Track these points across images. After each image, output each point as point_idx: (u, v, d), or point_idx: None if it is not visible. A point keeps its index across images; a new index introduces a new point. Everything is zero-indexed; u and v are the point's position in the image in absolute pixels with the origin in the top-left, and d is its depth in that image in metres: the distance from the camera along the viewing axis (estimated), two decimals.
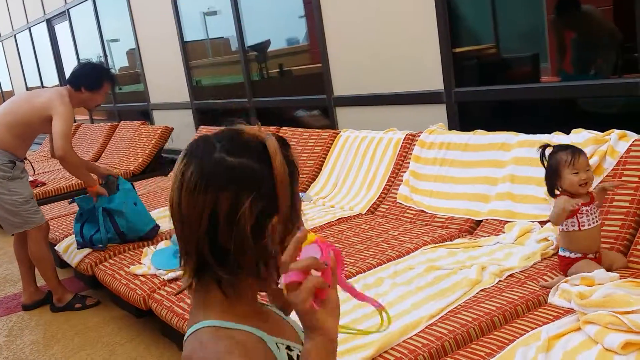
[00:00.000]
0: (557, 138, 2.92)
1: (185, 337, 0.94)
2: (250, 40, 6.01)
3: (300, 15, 5.57)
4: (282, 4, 5.71)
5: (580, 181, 2.27)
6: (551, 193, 2.40)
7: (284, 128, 4.92)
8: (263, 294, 1.04)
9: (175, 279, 3.04)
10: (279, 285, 0.89)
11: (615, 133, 2.74)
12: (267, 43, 6.07)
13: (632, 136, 2.71)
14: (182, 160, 0.91)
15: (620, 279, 2.16)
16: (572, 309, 2.05)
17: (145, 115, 8.00)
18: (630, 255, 2.40)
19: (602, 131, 2.83)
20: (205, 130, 5.95)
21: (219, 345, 0.89)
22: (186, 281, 0.94)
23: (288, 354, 0.97)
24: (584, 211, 2.29)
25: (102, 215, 3.63)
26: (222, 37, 6.82)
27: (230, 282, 0.91)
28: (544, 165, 2.41)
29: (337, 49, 4.72)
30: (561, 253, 2.37)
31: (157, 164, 6.57)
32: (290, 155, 0.94)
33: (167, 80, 7.39)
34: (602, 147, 2.73)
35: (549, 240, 2.63)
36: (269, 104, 5.83)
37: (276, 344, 0.96)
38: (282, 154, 0.91)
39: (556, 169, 2.33)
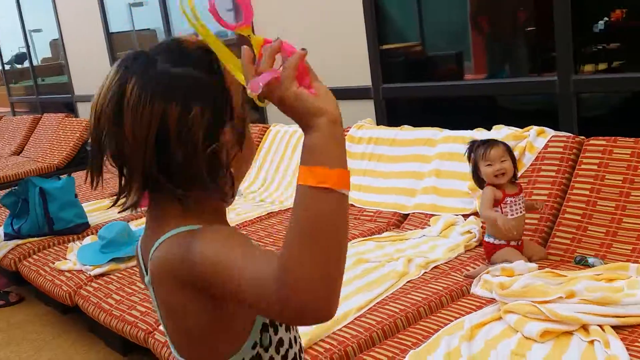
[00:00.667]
0: (479, 134, 3.03)
1: (152, 250, 0.86)
2: (176, 33, 5.91)
3: (229, 9, 5.52)
4: None
5: (495, 172, 2.37)
6: (479, 186, 2.49)
7: None
8: None
9: (102, 275, 2.97)
10: (250, 93, 0.76)
11: (533, 129, 2.87)
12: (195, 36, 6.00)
13: (549, 132, 2.84)
14: (116, 73, 0.84)
15: (539, 269, 2.26)
16: (494, 299, 2.13)
17: (69, 108, 7.73)
18: (548, 247, 2.52)
19: (522, 127, 2.95)
20: None
21: (217, 231, 0.83)
22: (131, 200, 0.86)
23: None
24: (508, 202, 2.39)
25: (37, 197, 3.54)
26: (149, 29, 6.68)
27: (185, 197, 0.85)
28: (469, 160, 2.50)
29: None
30: (486, 239, 2.46)
31: (83, 158, 6.35)
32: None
33: (92, 72, 7.14)
34: (521, 143, 2.84)
35: (471, 232, 2.73)
36: None
37: None
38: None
39: (475, 163, 2.44)
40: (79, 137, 6.28)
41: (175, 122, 0.81)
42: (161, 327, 0.87)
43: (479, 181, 2.48)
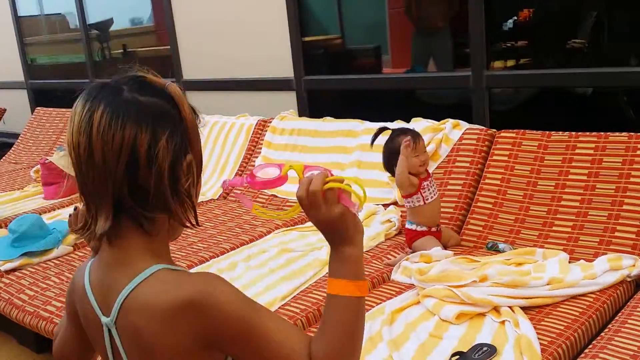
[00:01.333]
0: (398, 126, 3.12)
1: (130, 287, 0.85)
2: (91, 18, 5.70)
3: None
4: None
5: (421, 162, 2.47)
6: (391, 172, 2.57)
7: None
8: None
9: (14, 270, 2.84)
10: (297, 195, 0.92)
11: (449, 122, 2.99)
12: (110, 22, 5.80)
13: (464, 125, 2.97)
14: (84, 105, 0.86)
15: (455, 255, 2.38)
16: (413, 285, 2.22)
17: None
18: (463, 234, 2.64)
19: (439, 120, 3.07)
20: (43, 112, 5.56)
21: (227, 283, 0.89)
22: (102, 228, 0.85)
23: None
24: (425, 186, 2.49)
25: None
26: (59, 14, 6.41)
27: (152, 223, 0.88)
28: (372, 145, 2.56)
29: (186, 32, 4.63)
30: (408, 226, 2.55)
31: None
32: (189, 104, 0.93)
33: None
34: (438, 135, 2.96)
35: (391, 221, 2.81)
36: None
37: None
38: (189, 105, 0.92)
39: (398, 152, 2.49)
40: None
41: (145, 148, 0.83)
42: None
43: (392, 167, 2.54)
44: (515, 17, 3.46)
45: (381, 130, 2.59)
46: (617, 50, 3.17)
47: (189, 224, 0.92)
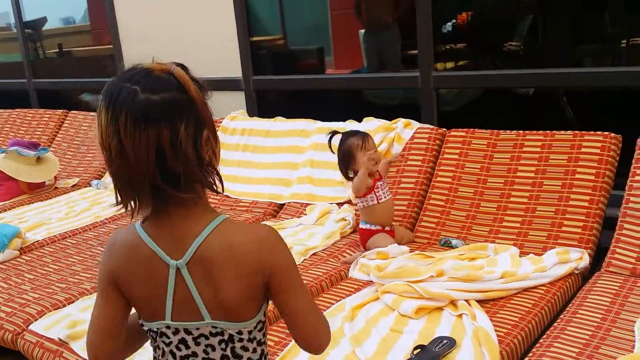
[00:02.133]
0: (351, 125, 3.16)
1: (199, 241, 1.04)
2: (27, 15, 5.51)
3: None
4: None
5: (372, 161, 2.51)
6: (346, 176, 2.61)
7: (72, 112, 4.60)
8: None
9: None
10: None
11: (401, 122, 3.04)
12: (43, 20, 5.63)
13: (415, 124, 3.03)
14: (107, 108, 1.00)
15: (410, 252, 2.42)
16: (371, 281, 2.25)
17: None
18: (416, 231, 2.70)
19: (388, 120, 3.12)
20: None
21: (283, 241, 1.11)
22: (145, 212, 1.05)
23: None
24: (379, 185, 2.54)
25: None
26: None
27: (194, 191, 1.04)
28: (331, 150, 2.61)
29: (129, 31, 4.53)
30: (362, 226, 2.59)
31: None
32: (195, 77, 1.05)
33: None
34: (390, 134, 3.00)
35: (346, 220, 2.84)
36: (53, 86, 5.39)
37: None
38: (196, 83, 1.03)
39: (349, 153, 2.54)
40: None
41: (168, 141, 0.98)
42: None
43: (347, 170, 2.58)
44: (454, 20, 3.56)
45: (333, 133, 2.63)
46: (554, 52, 3.31)
47: (217, 190, 1.08)
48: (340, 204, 2.99)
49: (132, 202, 1.04)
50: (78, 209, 3.45)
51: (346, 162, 2.59)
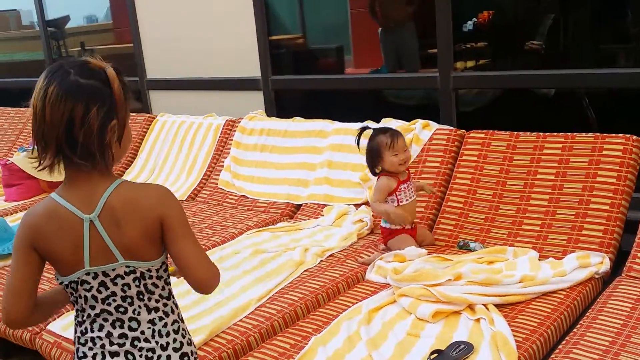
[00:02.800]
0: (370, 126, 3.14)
1: (105, 196, 1.27)
2: (50, 14, 5.57)
3: None
4: None
5: (400, 161, 2.48)
6: (373, 172, 2.58)
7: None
8: None
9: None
10: None
11: (419, 122, 3.02)
12: (66, 19, 5.68)
13: (434, 126, 3.01)
14: (44, 79, 1.24)
15: (428, 254, 2.41)
16: (388, 284, 2.24)
17: None
18: (434, 233, 2.68)
19: (407, 120, 3.10)
20: (1, 111, 5.40)
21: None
22: (47, 162, 1.27)
23: None
24: (402, 189, 2.51)
25: None
26: (14, 10, 6.25)
27: (96, 161, 1.26)
28: (358, 146, 2.57)
29: (150, 30, 4.56)
30: (383, 225, 2.57)
31: None
32: (123, 80, 1.29)
33: None
34: (408, 135, 2.98)
35: (363, 221, 2.83)
36: None
37: None
38: (118, 80, 1.27)
39: (377, 151, 2.50)
40: None
41: (79, 117, 1.22)
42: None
43: (374, 167, 2.56)
44: (475, 19, 3.52)
45: (363, 130, 2.59)
46: (576, 52, 3.27)
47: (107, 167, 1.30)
48: (357, 205, 2.98)
49: (44, 161, 1.27)
50: None
51: (373, 160, 2.54)
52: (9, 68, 6.26)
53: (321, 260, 2.55)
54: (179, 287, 2.34)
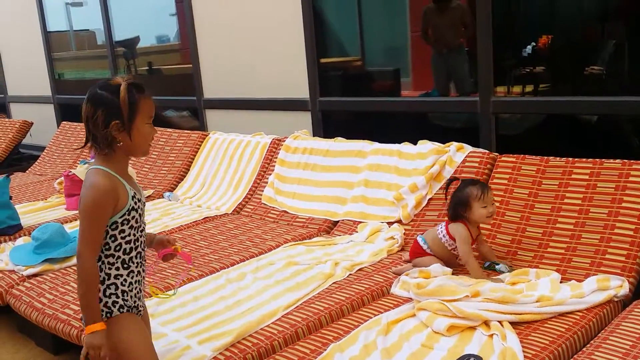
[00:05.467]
0: (405, 148, 3.25)
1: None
2: (118, 35, 5.92)
3: (172, 14, 5.59)
4: (152, 0, 5.69)
5: (489, 214, 2.51)
6: (453, 217, 2.57)
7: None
8: None
9: (35, 275, 3.00)
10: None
11: (453, 145, 3.11)
12: (137, 39, 6.01)
13: (467, 148, 3.09)
14: (87, 93, 1.77)
15: (453, 274, 2.48)
16: (410, 298, 2.34)
17: (1, 108, 7.57)
18: None
19: (447, 143, 3.19)
20: (68, 126, 5.78)
21: (100, 174, 1.75)
22: (86, 143, 1.80)
23: (134, 195, 1.80)
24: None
25: None
26: (88, 30, 6.63)
27: (103, 150, 1.76)
28: (446, 197, 2.63)
29: (208, 52, 4.82)
30: (420, 242, 2.64)
31: (15, 159, 6.27)
32: (137, 95, 1.73)
33: (27, 72, 7.06)
34: (442, 157, 3.08)
35: (394, 238, 2.93)
36: None
37: (129, 188, 1.80)
38: (128, 93, 1.71)
39: (466, 201, 2.52)
40: (12, 138, 6.16)
41: (91, 116, 1.73)
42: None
43: (458, 215, 2.56)
44: (534, 44, 3.55)
45: (451, 180, 2.67)
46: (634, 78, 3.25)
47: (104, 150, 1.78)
48: (390, 223, 3.09)
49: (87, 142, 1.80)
50: (149, 219, 3.70)
51: (459, 208, 2.55)
52: (79, 86, 6.65)
53: (350, 274, 2.66)
54: (220, 291, 2.51)
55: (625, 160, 2.53)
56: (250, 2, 4.37)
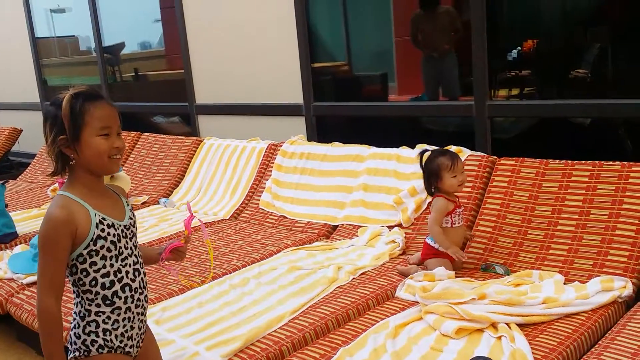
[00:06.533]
0: (404, 152, 3.27)
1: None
2: (106, 39, 5.88)
3: (156, 20, 5.58)
4: (136, 6, 5.67)
5: (459, 182, 2.59)
6: (429, 192, 2.68)
7: (145, 134, 4.90)
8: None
9: (35, 283, 2.97)
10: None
11: (452, 149, 3.12)
12: (121, 45, 5.99)
13: (466, 152, 3.11)
14: None
15: (457, 277, 2.50)
16: (416, 302, 2.35)
17: None
18: None
19: (442, 146, 3.21)
20: None
21: (58, 202, 1.59)
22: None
23: (101, 221, 1.60)
24: (457, 212, 2.63)
25: None
26: (72, 36, 6.59)
27: (59, 171, 1.63)
28: (422, 167, 2.68)
29: (200, 57, 4.82)
30: (429, 242, 2.66)
31: (4, 167, 6.21)
32: (81, 104, 1.57)
33: (14, 78, 7.00)
34: None
35: (396, 242, 2.95)
36: (128, 108, 5.73)
37: (95, 214, 1.59)
38: (71, 103, 1.57)
39: (437, 172, 2.59)
40: (1, 145, 6.11)
41: (43, 132, 1.61)
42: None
43: (431, 187, 2.65)
44: (520, 48, 3.59)
45: (423, 152, 2.70)
46: (619, 82, 3.30)
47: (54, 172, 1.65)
48: (390, 227, 3.10)
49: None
50: (146, 225, 3.69)
51: (432, 180, 2.63)
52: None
53: (353, 278, 2.67)
54: (224, 297, 2.51)
55: (624, 162, 2.56)
56: (241, 8, 4.37)
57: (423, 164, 2.67)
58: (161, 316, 2.41)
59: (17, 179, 5.55)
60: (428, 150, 2.70)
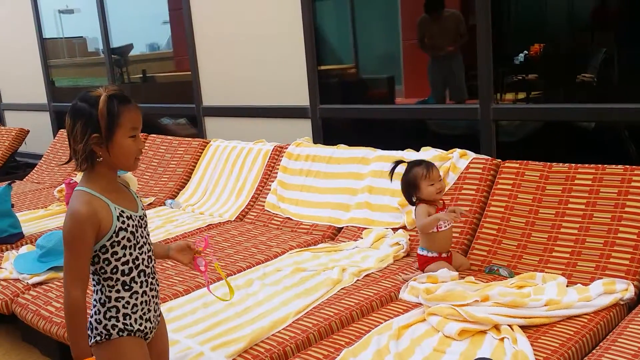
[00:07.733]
0: (409, 154, 3.29)
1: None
2: (114, 40, 5.91)
3: (164, 21, 5.61)
4: (144, 8, 5.70)
5: (437, 190, 2.63)
6: (410, 202, 2.74)
7: (152, 135, 4.94)
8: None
9: (41, 283, 3.00)
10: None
11: (457, 152, 3.15)
12: (130, 47, 6.03)
13: (471, 155, 3.13)
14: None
15: (460, 278, 2.52)
16: (419, 304, 2.37)
17: None
18: (468, 258, 2.78)
19: (447, 149, 3.23)
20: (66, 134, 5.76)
21: (80, 198, 1.65)
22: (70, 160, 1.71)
23: (120, 214, 1.68)
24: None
25: None
26: (80, 37, 6.63)
27: (83, 166, 1.66)
28: (390, 178, 2.75)
29: (207, 59, 4.85)
30: (420, 252, 2.70)
31: (12, 167, 6.25)
32: (117, 106, 1.62)
33: (22, 79, 7.05)
34: (445, 164, 3.12)
35: (400, 244, 2.96)
36: None
37: (115, 207, 1.67)
38: (108, 104, 1.61)
39: (414, 182, 2.66)
40: (8, 146, 6.15)
41: (71, 130, 1.64)
42: None
43: (411, 197, 2.72)
44: (526, 52, 3.60)
45: (397, 163, 2.76)
46: (624, 87, 3.30)
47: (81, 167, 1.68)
48: (395, 229, 3.12)
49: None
50: (152, 226, 3.72)
51: (410, 191, 2.71)
52: (74, 93, 6.61)
53: (358, 280, 2.69)
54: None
55: (627, 166, 2.58)
56: (249, 10, 4.40)
57: (403, 176, 2.73)
58: (166, 317, 2.43)
59: (24, 179, 5.59)
60: (403, 162, 2.77)
